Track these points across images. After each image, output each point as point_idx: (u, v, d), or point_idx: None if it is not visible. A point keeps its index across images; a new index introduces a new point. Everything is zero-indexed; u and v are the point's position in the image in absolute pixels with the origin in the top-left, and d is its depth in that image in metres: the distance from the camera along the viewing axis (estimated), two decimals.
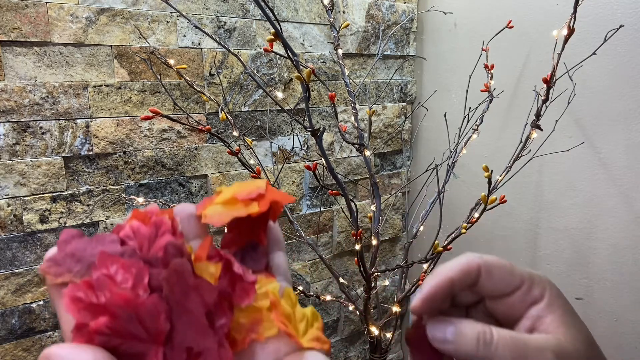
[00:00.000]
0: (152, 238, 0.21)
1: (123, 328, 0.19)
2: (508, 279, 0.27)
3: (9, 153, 0.85)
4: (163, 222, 0.22)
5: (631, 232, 0.96)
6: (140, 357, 0.19)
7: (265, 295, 0.22)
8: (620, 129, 0.95)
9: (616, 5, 0.93)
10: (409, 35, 1.36)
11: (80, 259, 0.20)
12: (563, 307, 0.27)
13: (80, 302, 0.19)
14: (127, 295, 0.19)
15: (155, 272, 0.20)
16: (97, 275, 0.19)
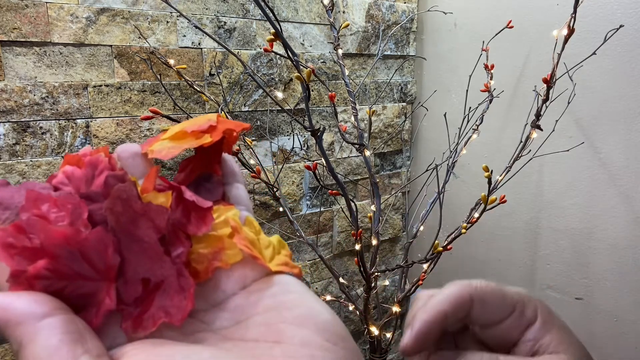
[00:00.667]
0: (89, 179, 0.19)
1: (66, 268, 0.17)
2: (501, 306, 0.26)
3: (9, 153, 0.85)
4: (99, 161, 0.20)
5: (631, 232, 0.96)
6: (91, 297, 0.17)
7: (225, 223, 0.21)
8: (620, 129, 0.95)
9: (616, 5, 0.93)
10: (409, 35, 1.36)
11: (8, 207, 0.19)
12: (557, 324, 0.26)
13: (12, 248, 0.17)
14: (66, 232, 0.17)
15: (96, 207, 0.18)
16: (26, 217, 0.17)
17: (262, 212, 1.15)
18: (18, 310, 0.16)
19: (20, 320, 0.16)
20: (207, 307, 0.19)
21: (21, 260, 0.17)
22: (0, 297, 0.16)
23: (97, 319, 0.17)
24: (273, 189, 0.91)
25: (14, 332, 0.16)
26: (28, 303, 0.16)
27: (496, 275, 1.22)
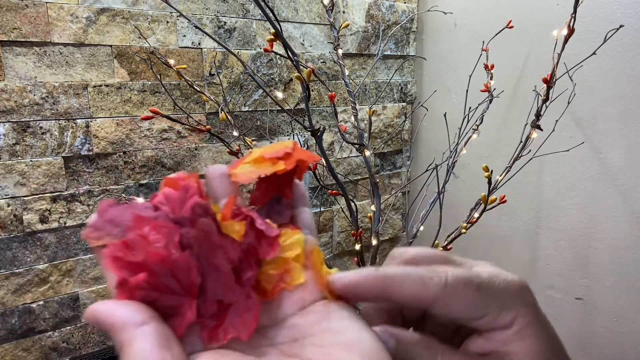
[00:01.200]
0: (182, 201, 0.23)
1: (160, 283, 0.20)
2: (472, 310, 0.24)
3: (9, 153, 0.85)
4: (190, 186, 0.23)
5: (631, 232, 0.96)
6: (176, 309, 0.21)
7: (291, 247, 0.24)
8: (620, 129, 0.95)
9: (616, 5, 0.93)
10: (409, 35, 1.35)
11: (118, 224, 0.22)
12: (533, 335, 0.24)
13: (119, 261, 0.20)
14: (162, 253, 0.21)
15: (185, 232, 0.21)
16: (131, 236, 0.21)
17: None
18: (121, 317, 0.19)
19: (123, 325, 0.19)
20: (270, 323, 0.22)
21: (126, 272, 0.20)
22: (109, 304, 0.20)
23: (181, 329, 0.20)
24: None
25: (117, 335, 0.19)
26: (129, 311, 0.19)
27: None
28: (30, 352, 0.91)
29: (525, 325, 0.23)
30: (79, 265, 0.94)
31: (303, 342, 0.21)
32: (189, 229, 0.21)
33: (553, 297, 1.11)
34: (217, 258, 0.21)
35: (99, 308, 0.20)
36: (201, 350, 0.20)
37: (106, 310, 0.20)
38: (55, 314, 0.92)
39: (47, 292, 0.91)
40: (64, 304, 0.93)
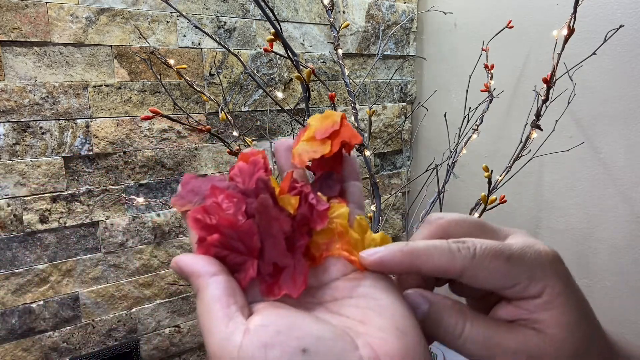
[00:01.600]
0: (251, 174, 0.27)
1: (228, 243, 0.25)
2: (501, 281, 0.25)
3: (9, 153, 0.85)
4: (258, 161, 0.27)
5: (631, 232, 0.96)
6: (241, 265, 0.25)
7: (338, 218, 0.27)
8: (620, 129, 0.95)
9: (616, 5, 0.93)
10: (409, 35, 1.35)
11: (198, 193, 0.27)
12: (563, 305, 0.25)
13: (199, 222, 0.25)
14: (230, 219, 0.25)
15: (250, 202, 0.25)
16: (208, 203, 0.25)
17: None
18: (199, 267, 0.24)
19: (200, 274, 0.23)
20: (317, 284, 0.25)
21: (204, 232, 0.25)
22: (191, 257, 0.24)
23: (244, 282, 0.24)
24: None
25: (195, 281, 0.23)
26: (206, 263, 0.24)
27: None
28: (30, 352, 0.91)
29: (555, 296, 0.24)
30: (79, 265, 0.94)
31: (342, 302, 0.24)
32: (253, 199, 0.25)
33: None
34: (273, 229, 0.25)
35: (183, 259, 0.24)
36: (260, 300, 0.24)
37: (188, 261, 0.24)
38: (55, 314, 0.92)
39: (47, 292, 0.91)
40: (64, 304, 0.93)
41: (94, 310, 0.96)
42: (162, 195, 1.01)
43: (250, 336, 0.21)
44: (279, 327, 0.21)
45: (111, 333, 0.99)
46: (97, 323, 0.97)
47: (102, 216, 0.95)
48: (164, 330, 1.05)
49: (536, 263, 0.25)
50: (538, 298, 0.24)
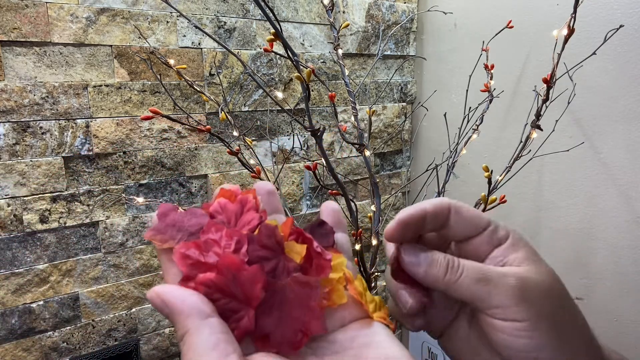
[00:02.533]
0: (239, 213, 0.25)
1: (225, 285, 0.22)
2: (476, 220, 0.28)
3: (9, 153, 0.85)
4: (248, 200, 0.25)
5: (631, 232, 0.96)
6: (233, 313, 0.22)
7: (335, 269, 0.26)
8: (620, 129, 0.95)
9: (616, 5, 0.93)
10: (409, 35, 1.36)
11: (180, 229, 0.24)
12: (526, 247, 0.28)
13: (188, 259, 0.22)
14: (237, 260, 0.22)
15: (251, 248, 0.23)
16: (204, 239, 0.23)
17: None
18: (190, 304, 0.21)
19: (190, 314, 0.20)
20: (314, 337, 0.24)
21: (192, 269, 0.22)
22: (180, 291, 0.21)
23: (238, 333, 0.22)
24: None
25: (182, 321, 0.20)
26: (197, 301, 0.21)
27: None
28: (30, 352, 0.91)
29: (518, 240, 0.28)
30: (79, 265, 0.94)
31: (344, 354, 0.23)
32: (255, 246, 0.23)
33: None
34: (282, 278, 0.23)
35: (168, 291, 0.21)
36: (252, 352, 0.22)
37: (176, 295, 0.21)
38: (55, 314, 0.92)
39: (47, 292, 0.91)
40: (64, 304, 0.93)
41: (94, 310, 0.96)
42: (162, 195, 1.01)
43: None
44: None
45: (111, 333, 0.99)
46: (97, 323, 0.97)
47: (102, 216, 0.95)
48: (164, 330, 1.05)
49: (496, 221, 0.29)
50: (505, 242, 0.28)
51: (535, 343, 0.24)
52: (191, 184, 1.05)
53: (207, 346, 0.20)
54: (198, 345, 0.20)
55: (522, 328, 0.24)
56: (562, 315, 0.25)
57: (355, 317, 0.25)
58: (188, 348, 0.20)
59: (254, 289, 0.22)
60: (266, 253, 0.23)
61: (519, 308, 0.24)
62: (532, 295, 0.25)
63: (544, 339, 0.24)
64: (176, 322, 0.21)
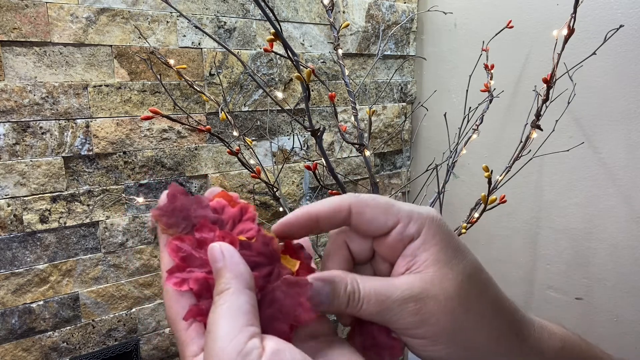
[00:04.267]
0: (237, 219, 0.26)
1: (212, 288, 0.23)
2: (381, 217, 0.27)
3: (9, 153, 0.85)
4: (249, 210, 0.26)
5: (631, 232, 0.96)
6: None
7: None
8: (620, 129, 0.95)
9: (616, 5, 0.93)
10: (409, 35, 1.35)
11: (186, 218, 0.25)
12: (439, 244, 0.26)
13: (181, 251, 0.24)
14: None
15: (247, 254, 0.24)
16: (199, 236, 0.24)
17: (262, 212, 1.15)
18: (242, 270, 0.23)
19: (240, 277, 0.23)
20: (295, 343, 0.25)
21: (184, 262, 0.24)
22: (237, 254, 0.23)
23: None
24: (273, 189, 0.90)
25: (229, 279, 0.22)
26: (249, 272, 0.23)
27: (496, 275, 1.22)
28: (30, 352, 0.91)
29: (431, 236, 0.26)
30: (79, 265, 0.94)
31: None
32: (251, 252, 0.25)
33: (553, 297, 1.11)
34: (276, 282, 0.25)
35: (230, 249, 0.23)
36: None
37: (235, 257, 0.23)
38: (55, 314, 0.92)
39: (47, 292, 0.91)
40: (64, 304, 0.93)
41: (94, 310, 0.96)
42: None
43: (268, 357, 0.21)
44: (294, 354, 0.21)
45: (111, 333, 0.99)
46: (97, 323, 0.97)
47: (102, 216, 0.95)
48: (164, 330, 1.05)
49: (415, 208, 0.27)
50: (416, 239, 0.26)
51: (438, 355, 0.26)
52: (191, 184, 1.05)
53: (241, 309, 0.22)
54: (234, 305, 0.22)
55: (424, 344, 0.25)
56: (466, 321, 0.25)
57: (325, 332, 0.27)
58: (223, 302, 0.22)
59: None
60: (262, 259, 0.25)
61: (418, 330, 0.25)
62: (430, 314, 0.25)
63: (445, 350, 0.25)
64: (223, 276, 0.23)
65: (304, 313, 0.24)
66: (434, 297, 0.25)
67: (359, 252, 0.29)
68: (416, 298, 0.25)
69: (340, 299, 0.26)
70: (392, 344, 0.27)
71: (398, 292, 0.25)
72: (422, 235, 0.26)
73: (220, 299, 0.22)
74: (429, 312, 0.25)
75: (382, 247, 0.28)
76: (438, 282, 0.25)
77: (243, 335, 0.21)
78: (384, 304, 0.25)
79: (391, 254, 0.27)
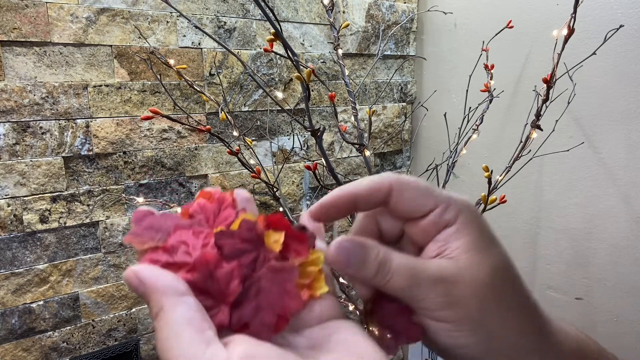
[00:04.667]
0: (217, 212, 0.25)
1: (201, 283, 0.22)
2: (421, 200, 0.26)
3: (9, 153, 0.85)
4: (225, 199, 0.26)
5: (631, 232, 0.96)
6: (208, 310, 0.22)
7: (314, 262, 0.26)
8: (620, 129, 0.95)
9: (616, 5, 0.93)
10: (409, 35, 1.35)
11: (159, 230, 0.24)
12: (474, 232, 0.26)
13: (157, 262, 0.23)
14: (212, 255, 0.22)
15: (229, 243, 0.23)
16: (171, 242, 0.24)
17: (262, 212, 1.15)
18: (166, 282, 0.21)
19: (165, 291, 0.20)
20: (290, 330, 0.24)
21: None
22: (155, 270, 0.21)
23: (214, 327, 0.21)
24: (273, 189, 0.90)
25: (158, 298, 0.20)
26: (173, 280, 0.21)
27: None
28: (30, 352, 0.91)
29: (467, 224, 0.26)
30: (79, 265, 0.94)
31: (320, 348, 0.23)
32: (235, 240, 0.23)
33: (553, 297, 1.11)
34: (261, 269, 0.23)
35: (144, 269, 0.21)
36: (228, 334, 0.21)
37: (152, 274, 0.21)
38: (55, 314, 0.92)
39: (47, 292, 0.91)
40: (64, 304, 0.93)
41: (94, 310, 0.96)
42: (162, 195, 1.01)
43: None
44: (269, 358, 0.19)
45: (111, 333, 0.99)
46: (97, 323, 0.97)
47: (102, 216, 0.95)
48: None
49: (453, 195, 0.27)
50: (452, 225, 0.26)
51: (458, 342, 0.25)
52: (191, 184, 1.05)
53: (182, 322, 0.20)
54: (174, 321, 0.20)
55: (447, 328, 0.25)
56: (493, 310, 0.25)
57: (332, 315, 0.25)
58: (163, 324, 0.20)
59: (230, 285, 0.22)
60: (246, 246, 0.24)
61: (444, 312, 0.25)
62: (460, 297, 0.24)
63: (468, 337, 0.25)
64: (151, 299, 0.21)
65: (292, 301, 0.24)
66: (465, 281, 0.25)
67: (388, 232, 0.29)
68: (448, 280, 0.25)
69: (370, 265, 0.25)
70: (411, 327, 0.26)
71: (430, 270, 0.25)
72: (457, 222, 0.26)
73: (159, 323, 0.20)
74: (459, 295, 0.24)
75: (415, 229, 0.27)
76: (471, 269, 0.25)
77: (197, 348, 0.19)
78: (414, 279, 0.25)
79: (423, 237, 0.27)
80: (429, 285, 0.25)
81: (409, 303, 0.26)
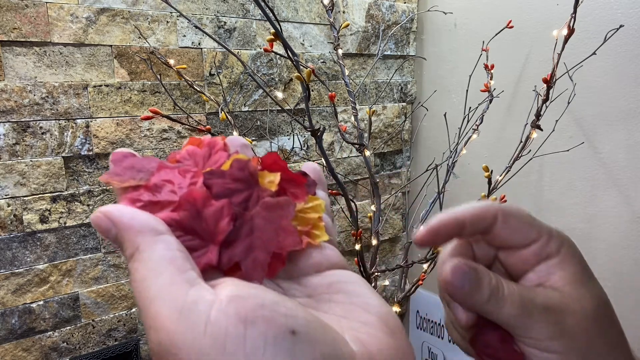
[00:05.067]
0: (207, 156, 0.24)
1: (187, 222, 0.20)
2: (525, 230, 0.26)
3: (9, 153, 0.85)
4: (216, 143, 0.24)
5: (631, 232, 0.96)
6: (195, 250, 0.20)
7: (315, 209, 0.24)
8: (620, 129, 0.95)
9: (616, 5, 0.93)
10: (409, 35, 1.36)
11: (141, 169, 0.22)
12: (577, 265, 0.26)
13: (138, 202, 0.20)
14: (200, 193, 0.21)
15: (219, 182, 0.22)
16: (154, 180, 0.21)
17: None
18: (141, 221, 0.19)
19: (142, 230, 0.18)
20: (285, 278, 0.22)
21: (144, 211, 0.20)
22: (127, 208, 0.19)
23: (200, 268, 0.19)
24: None
25: (132, 238, 0.18)
26: (150, 219, 0.19)
27: None
28: (30, 352, 0.91)
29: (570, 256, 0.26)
30: (79, 265, 0.94)
31: (318, 298, 0.22)
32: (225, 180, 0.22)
33: None
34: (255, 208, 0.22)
35: (115, 209, 0.19)
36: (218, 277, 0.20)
37: (125, 212, 0.19)
38: (55, 314, 0.92)
39: (47, 292, 0.91)
40: (64, 304, 0.93)
41: (94, 310, 0.96)
42: None
43: (223, 307, 0.16)
44: (262, 300, 0.17)
45: (111, 333, 0.99)
46: (97, 323, 0.97)
47: None
48: None
49: (553, 227, 0.27)
50: (554, 257, 0.26)
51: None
52: None
53: (162, 261, 0.17)
54: (152, 260, 0.17)
55: (553, 359, 0.24)
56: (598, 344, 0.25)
57: (333, 265, 0.24)
58: (139, 265, 0.18)
59: (219, 223, 0.20)
60: (238, 186, 0.22)
61: (552, 343, 0.24)
62: (568, 328, 0.24)
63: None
64: (124, 240, 0.18)
65: (288, 237, 0.22)
66: (573, 312, 0.24)
67: (481, 258, 0.28)
68: (557, 309, 0.24)
69: (483, 290, 0.24)
70: (515, 355, 0.25)
71: (539, 299, 0.25)
72: (560, 254, 0.26)
73: (134, 264, 0.18)
74: (568, 325, 0.24)
75: (513, 258, 0.27)
76: (577, 301, 0.25)
77: (178, 289, 0.17)
78: (527, 307, 0.24)
79: (521, 267, 0.27)
80: (541, 314, 0.24)
81: (515, 331, 0.25)
